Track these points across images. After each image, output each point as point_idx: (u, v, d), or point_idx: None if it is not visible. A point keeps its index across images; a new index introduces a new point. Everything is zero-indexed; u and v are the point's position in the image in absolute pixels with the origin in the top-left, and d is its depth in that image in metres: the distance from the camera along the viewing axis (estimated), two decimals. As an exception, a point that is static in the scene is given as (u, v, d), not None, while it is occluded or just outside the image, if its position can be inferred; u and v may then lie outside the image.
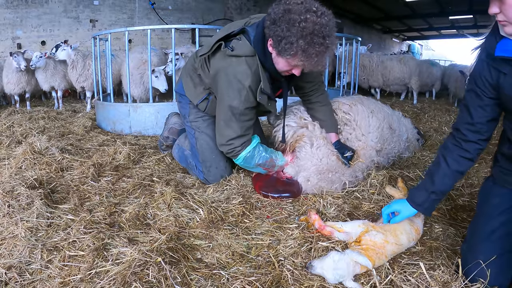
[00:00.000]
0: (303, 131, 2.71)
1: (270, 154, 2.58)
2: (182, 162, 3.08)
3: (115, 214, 2.25)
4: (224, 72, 2.35)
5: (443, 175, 1.73)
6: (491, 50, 1.51)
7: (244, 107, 2.36)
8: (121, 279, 1.55)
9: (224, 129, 2.45)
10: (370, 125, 2.87)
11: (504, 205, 1.63)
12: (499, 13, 1.37)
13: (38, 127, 4.63)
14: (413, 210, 1.82)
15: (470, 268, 1.57)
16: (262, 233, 2.04)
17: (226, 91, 2.36)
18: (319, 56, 2.06)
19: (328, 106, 2.81)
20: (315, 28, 1.99)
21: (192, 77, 2.71)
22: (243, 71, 2.30)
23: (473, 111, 1.63)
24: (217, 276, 1.65)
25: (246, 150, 2.48)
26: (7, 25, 8.78)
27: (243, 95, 2.33)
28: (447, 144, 1.76)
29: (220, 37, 2.39)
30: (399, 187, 2.51)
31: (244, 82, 2.30)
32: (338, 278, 1.60)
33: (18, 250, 1.79)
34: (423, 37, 30.61)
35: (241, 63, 2.30)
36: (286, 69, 2.25)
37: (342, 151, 2.67)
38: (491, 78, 1.54)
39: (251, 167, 2.60)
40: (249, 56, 2.31)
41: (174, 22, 11.32)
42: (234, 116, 2.38)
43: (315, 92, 2.76)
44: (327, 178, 2.56)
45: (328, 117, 2.77)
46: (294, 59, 2.11)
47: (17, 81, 6.21)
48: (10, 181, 2.54)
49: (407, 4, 17.07)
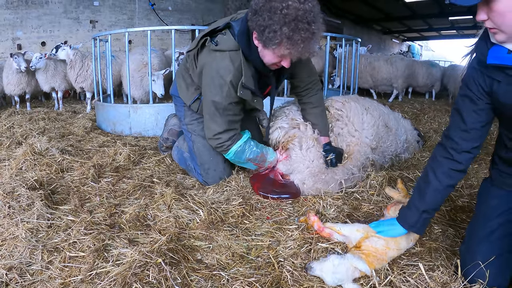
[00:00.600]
0: (294, 132, 2.70)
1: (261, 149, 2.60)
2: (181, 164, 3.08)
3: (115, 215, 2.25)
4: (209, 66, 2.35)
5: (434, 192, 1.68)
6: (482, 57, 1.47)
7: (226, 102, 2.35)
8: (121, 280, 1.55)
9: (209, 123, 2.46)
10: (364, 122, 2.85)
11: (502, 206, 1.63)
12: (487, 19, 1.32)
13: (38, 128, 4.63)
14: (403, 230, 1.78)
15: (469, 269, 1.57)
16: (262, 234, 2.04)
17: (209, 86, 2.37)
18: (305, 42, 1.99)
19: (320, 107, 2.75)
20: (299, 14, 1.93)
21: (185, 77, 2.71)
22: (225, 66, 2.29)
23: (466, 117, 1.59)
24: (217, 277, 1.65)
25: (237, 144, 2.50)
26: (7, 26, 8.78)
27: (225, 90, 2.32)
28: (437, 157, 1.70)
29: (206, 33, 2.40)
30: (398, 188, 2.51)
31: (226, 78, 2.29)
32: (336, 282, 1.60)
33: (19, 251, 1.80)
34: (423, 38, 30.66)
35: (224, 58, 2.30)
36: (274, 62, 2.19)
37: (327, 154, 2.63)
38: (485, 85, 1.51)
39: (242, 162, 2.62)
40: (232, 50, 2.30)
41: (174, 23, 11.34)
42: (218, 111, 2.38)
43: (308, 92, 2.72)
44: (321, 180, 2.57)
45: (319, 120, 2.73)
46: (280, 48, 2.04)
47: (17, 82, 6.21)
48: (11, 182, 2.54)
49: (407, 5, 17.10)
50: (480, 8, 1.32)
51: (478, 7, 1.32)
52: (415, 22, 22.01)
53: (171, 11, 11.67)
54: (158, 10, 11.24)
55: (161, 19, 11.27)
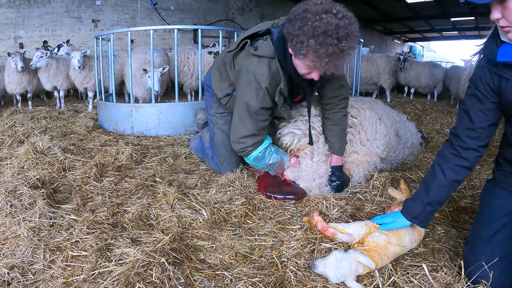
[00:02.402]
0: (306, 141, 2.63)
1: (281, 155, 2.61)
2: (198, 152, 3.26)
3: (117, 215, 2.25)
4: (246, 70, 2.38)
5: (439, 186, 1.71)
6: (491, 55, 1.49)
7: (259, 106, 2.38)
8: (124, 279, 1.55)
9: (238, 125, 2.49)
10: (377, 132, 2.82)
11: (506, 207, 1.63)
12: (501, 18, 1.34)
13: (40, 126, 4.62)
14: (406, 222, 1.81)
15: (472, 270, 1.57)
16: (265, 234, 2.04)
17: (245, 88, 2.40)
18: (331, 57, 1.94)
19: (340, 126, 2.64)
20: (329, 29, 1.88)
21: (221, 70, 2.72)
22: (262, 72, 2.32)
23: (474, 116, 1.61)
24: (220, 277, 1.65)
25: (257, 150, 2.52)
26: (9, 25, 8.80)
27: (260, 95, 2.36)
28: (444, 153, 1.73)
29: (247, 35, 2.43)
30: (401, 189, 2.51)
31: (262, 83, 2.33)
32: (340, 277, 1.60)
33: (21, 250, 1.80)
34: (424, 39, 30.65)
35: (262, 64, 2.32)
36: (304, 72, 2.18)
37: (332, 178, 2.58)
38: (493, 83, 1.53)
39: (261, 167, 2.65)
40: (270, 57, 2.32)
41: (176, 23, 11.35)
42: (249, 114, 2.41)
43: (332, 108, 2.62)
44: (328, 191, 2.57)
45: (335, 139, 2.64)
46: (306, 60, 2.03)
47: (19, 81, 6.20)
48: (13, 180, 2.53)
49: (409, 6, 17.07)
50: (494, 7, 1.33)
51: (492, 6, 1.33)
52: (417, 23, 21.98)
53: (173, 10, 11.69)
54: (160, 10, 11.25)
55: (163, 19, 11.28)
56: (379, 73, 8.56)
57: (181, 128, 4.55)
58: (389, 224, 1.85)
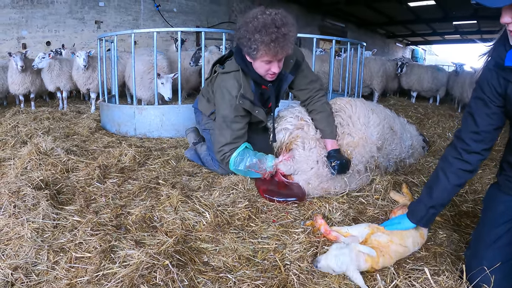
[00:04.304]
0: (297, 133, 2.75)
1: (258, 156, 2.73)
2: (195, 159, 3.39)
3: (121, 216, 2.26)
4: (218, 86, 2.78)
5: (442, 190, 1.74)
6: (500, 59, 1.48)
7: (233, 115, 2.69)
8: (128, 281, 1.56)
9: (218, 137, 2.78)
10: (370, 120, 2.85)
11: (509, 212, 1.64)
12: (511, 22, 1.33)
13: (43, 127, 4.63)
14: (411, 224, 1.87)
15: (474, 274, 1.58)
16: (268, 237, 2.05)
17: (220, 102, 2.76)
18: (275, 42, 2.30)
19: (324, 113, 2.80)
20: (267, 22, 2.30)
21: (206, 96, 3.11)
22: (231, 84, 2.69)
23: (479, 119, 1.61)
24: (224, 280, 1.66)
25: (235, 152, 2.73)
26: (13, 25, 8.79)
27: (233, 105, 2.67)
28: (447, 157, 1.74)
29: (215, 61, 2.94)
30: (403, 192, 2.52)
31: (232, 93, 2.67)
32: (341, 265, 1.63)
33: (24, 251, 1.80)
34: (426, 42, 30.62)
35: (230, 77, 2.71)
36: (265, 69, 2.52)
37: (331, 160, 2.60)
38: (499, 87, 1.53)
39: (244, 171, 2.75)
40: (235, 71, 2.70)
41: (178, 25, 11.36)
42: (226, 124, 2.71)
43: (311, 100, 2.86)
44: (327, 179, 2.59)
45: (324, 125, 2.76)
46: (259, 53, 2.39)
47: (21, 82, 6.19)
48: (16, 181, 2.54)
49: (411, 9, 17.09)
50: (505, 11, 1.32)
51: (503, 10, 1.32)
52: (419, 26, 21.99)
53: (176, 12, 11.69)
54: (163, 12, 11.25)
55: (166, 21, 11.29)
56: (371, 75, 8.49)
57: (183, 130, 4.54)
58: (394, 225, 1.90)
